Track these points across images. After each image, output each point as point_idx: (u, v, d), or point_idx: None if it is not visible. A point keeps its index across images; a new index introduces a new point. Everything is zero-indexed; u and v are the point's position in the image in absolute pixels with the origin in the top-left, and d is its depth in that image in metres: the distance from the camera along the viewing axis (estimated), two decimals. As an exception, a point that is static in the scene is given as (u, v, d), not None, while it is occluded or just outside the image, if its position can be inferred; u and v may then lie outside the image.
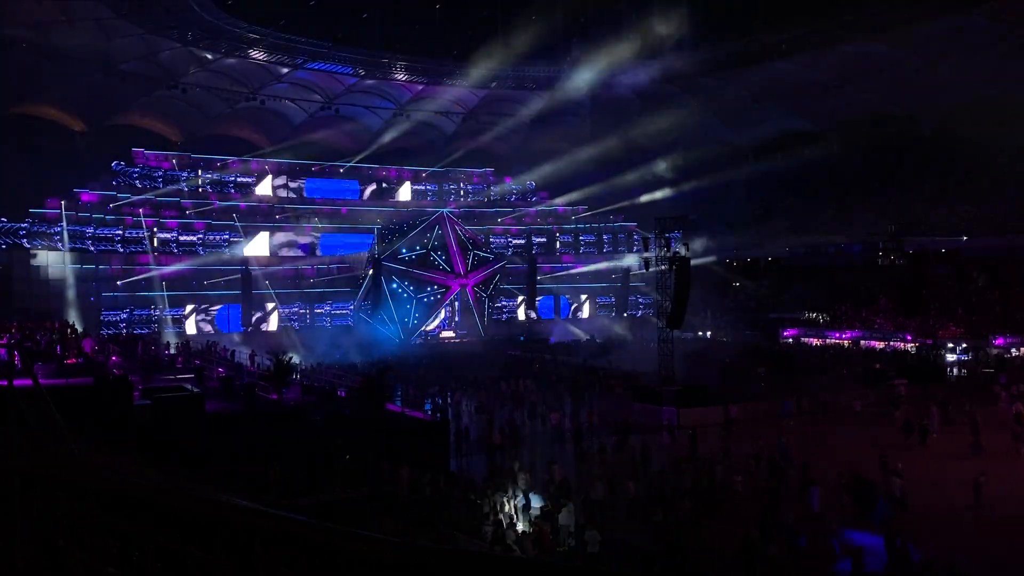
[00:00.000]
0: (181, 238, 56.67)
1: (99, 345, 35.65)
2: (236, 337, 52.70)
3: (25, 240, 50.41)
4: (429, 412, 29.79)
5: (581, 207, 73.21)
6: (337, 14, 53.61)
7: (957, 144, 59.01)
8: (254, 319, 56.98)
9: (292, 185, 63.92)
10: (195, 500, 4.33)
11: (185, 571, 4.26)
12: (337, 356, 49.54)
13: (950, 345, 50.42)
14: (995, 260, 55.42)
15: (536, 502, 19.42)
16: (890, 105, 62.58)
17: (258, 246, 59.86)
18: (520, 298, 68.14)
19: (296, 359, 35.19)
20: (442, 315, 62.22)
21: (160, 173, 58.30)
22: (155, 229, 55.79)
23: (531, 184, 73.95)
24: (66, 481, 4.49)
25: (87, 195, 53.91)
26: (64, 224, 51.71)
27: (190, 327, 55.42)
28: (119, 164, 56.34)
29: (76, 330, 39.33)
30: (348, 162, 66.55)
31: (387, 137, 67.05)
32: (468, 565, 2.93)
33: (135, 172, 57.07)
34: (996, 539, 18.18)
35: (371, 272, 57.79)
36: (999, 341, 48.89)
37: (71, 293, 50.01)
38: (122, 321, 52.31)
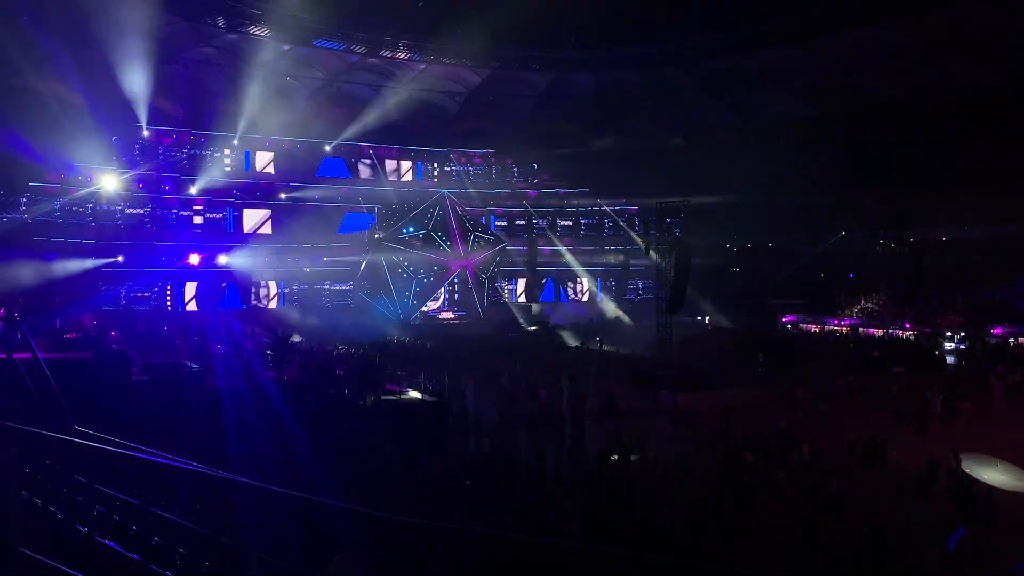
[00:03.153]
0: (181, 214, 56.51)
1: (99, 320, 35.70)
2: (236, 314, 52.79)
3: (25, 214, 50.32)
4: (427, 393, 29.86)
5: (583, 190, 73.04)
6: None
7: (960, 133, 58.72)
8: (253, 297, 57.04)
9: (293, 163, 63.67)
10: (193, 475, 4.35)
11: (183, 545, 4.30)
12: (337, 335, 49.76)
13: (948, 334, 50.48)
14: (996, 249, 55.38)
15: None
16: (894, 92, 62.25)
17: (259, 223, 59.86)
18: (521, 281, 68.19)
19: (296, 338, 35.32)
20: (441, 296, 62.30)
21: (160, 149, 58.12)
22: (154, 205, 55.67)
23: (533, 166, 73.72)
24: (64, 454, 4.51)
25: (87, 170, 53.73)
26: (63, 198, 51.69)
27: (190, 304, 55.50)
28: (118, 139, 56.13)
29: (76, 304, 39.33)
30: (349, 141, 66.30)
31: (389, 116, 66.75)
32: (463, 542, 2.96)
33: (135, 147, 56.86)
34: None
35: (371, 251, 57.82)
36: (998, 330, 48.95)
37: (72, 267, 49.97)
38: (122, 297, 52.29)
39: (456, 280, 61.55)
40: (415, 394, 28.98)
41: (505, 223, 70.13)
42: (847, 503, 18.63)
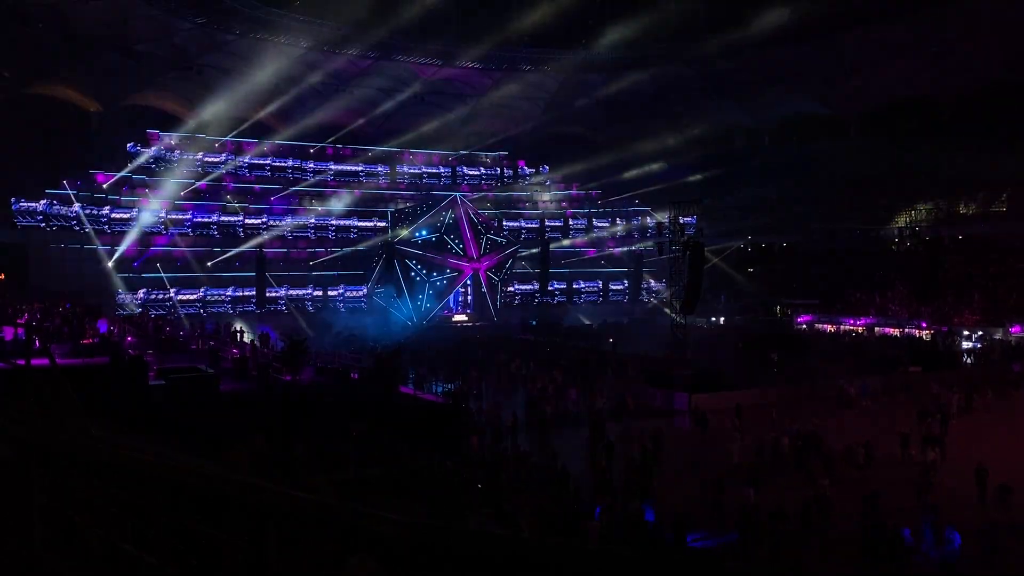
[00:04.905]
0: (196, 219, 56.78)
1: (114, 325, 35.93)
2: (250, 319, 53.05)
3: (41, 221, 50.71)
4: (440, 394, 29.93)
5: (595, 191, 72.97)
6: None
7: (974, 129, 58.36)
8: (268, 301, 57.23)
9: (307, 167, 63.98)
10: (209, 478, 4.37)
11: (200, 548, 4.32)
12: (350, 338, 49.87)
13: (966, 332, 50.07)
14: (1012, 246, 54.91)
15: None
16: (907, 89, 61.96)
17: (272, 228, 60.09)
18: (534, 283, 68.16)
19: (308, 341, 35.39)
20: (454, 299, 62.37)
21: (175, 155, 58.49)
22: (170, 211, 56.00)
23: (545, 168, 73.72)
24: (83, 458, 4.54)
25: (102, 176, 54.17)
26: (79, 205, 52.09)
27: (204, 308, 55.76)
28: (134, 146, 56.53)
29: (92, 310, 39.62)
30: (362, 144, 66.52)
31: (402, 119, 66.99)
32: (479, 544, 2.96)
33: (150, 154, 57.25)
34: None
35: (384, 255, 57.91)
36: (1016, 328, 48.51)
37: (87, 274, 50.41)
38: (137, 302, 52.61)
39: (469, 283, 61.58)
40: (429, 396, 29.04)
41: (517, 225, 70.12)
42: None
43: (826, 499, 18.35)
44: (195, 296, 55.47)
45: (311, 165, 64.26)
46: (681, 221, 38.35)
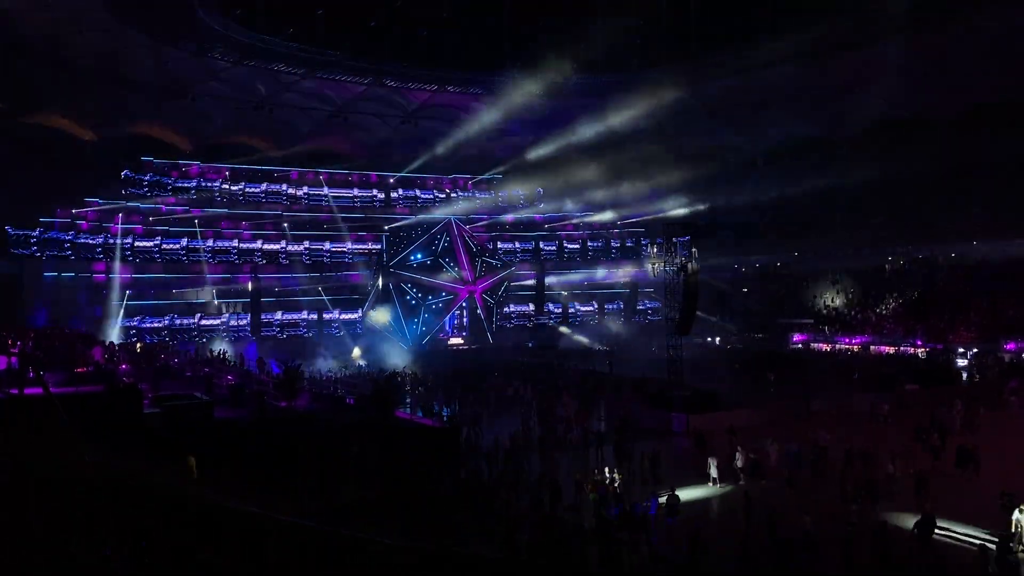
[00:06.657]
0: (190, 246, 56.83)
1: (109, 353, 35.75)
2: (246, 345, 52.96)
3: (35, 249, 50.68)
4: (438, 418, 29.82)
5: (588, 212, 73.18)
6: (344, 22, 53.76)
7: (969, 148, 58.74)
8: (263, 326, 57.15)
9: (300, 193, 64.11)
10: (206, 505, 4.35)
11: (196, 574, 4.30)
12: (346, 362, 49.81)
13: (960, 350, 50.12)
14: (1006, 264, 55.12)
15: None
16: (900, 109, 62.39)
17: (267, 253, 60.11)
18: (530, 304, 68.17)
19: (304, 367, 35.31)
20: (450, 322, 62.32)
21: (169, 182, 58.63)
22: (164, 238, 56.03)
23: (539, 191, 73.96)
24: (78, 484, 4.53)
25: (97, 204, 54.23)
26: (73, 233, 52.12)
27: (199, 335, 55.64)
28: (129, 173, 56.63)
29: (85, 339, 39.46)
30: (356, 169, 66.77)
31: (395, 144, 67.23)
32: (476, 568, 2.94)
33: (144, 181, 57.35)
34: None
35: (380, 279, 57.97)
36: (1010, 346, 48.57)
37: (81, 302, 50.35)
38: (132, 330, 52.49)
39: (465, 306, 61.57)
40: (427, 420, 28.92)
41: (512, 247, 70.22)
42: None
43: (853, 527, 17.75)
44: (190, 322, 55.44)
45: (305, 191, 64.43)
46: (675, 242, 38.45)
